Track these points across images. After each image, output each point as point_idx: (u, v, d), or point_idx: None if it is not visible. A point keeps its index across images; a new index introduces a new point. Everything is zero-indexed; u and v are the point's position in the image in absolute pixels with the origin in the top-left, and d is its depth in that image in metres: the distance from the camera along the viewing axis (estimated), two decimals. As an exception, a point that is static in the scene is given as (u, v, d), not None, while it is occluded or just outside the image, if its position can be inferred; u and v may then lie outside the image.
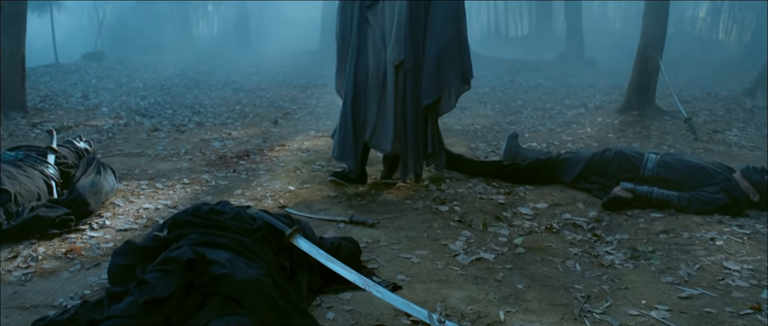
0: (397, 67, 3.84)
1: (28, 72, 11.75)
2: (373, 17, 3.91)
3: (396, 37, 3.82)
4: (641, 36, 7.21)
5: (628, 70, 12.83)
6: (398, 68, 3.85)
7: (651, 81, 7.19)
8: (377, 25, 3.90)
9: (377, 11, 3.90)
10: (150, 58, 15.45)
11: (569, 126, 6.91)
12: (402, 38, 3.82)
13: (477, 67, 12.29)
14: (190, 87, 9.98)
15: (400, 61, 3.82)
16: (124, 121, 6.87)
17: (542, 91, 9.86)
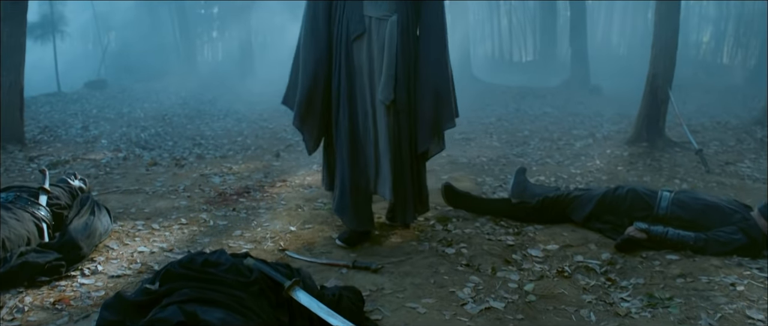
0: (388, 108, 3.50)
1: (30, 101, 11.73)
2: (359, 51, 3.52)
3: (386, 74, 3.46)
4: (650, 66, 7.08)
5: (635, 98, 12.74)
6: (389, 108, 3.51)
7: (660, 112, 7.05)
8: (364, 61, 3.51)
9: (363, 45, 3.51)
10: (153, 86, 15.40)
11: (578, 158, 6.77)
12: (393, 76, 3.46)
13: (482, 94, 12.21)
14: (191, 117, 9.88)
15: (391, 100, 3.49)
16: (123, 154, 6.74)
17: (549, 121, 9.73)
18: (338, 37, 3.51)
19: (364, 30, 3.47)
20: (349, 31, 3.48)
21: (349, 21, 3.47)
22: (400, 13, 3.46)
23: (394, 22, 3.44)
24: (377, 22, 3.47)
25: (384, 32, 3.46)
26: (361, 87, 3.54)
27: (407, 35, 3.50)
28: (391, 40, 3.44)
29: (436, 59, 3.52)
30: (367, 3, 3.47)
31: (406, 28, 3.49)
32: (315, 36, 3.53)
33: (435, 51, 3.52)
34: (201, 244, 3.67)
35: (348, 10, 3.48)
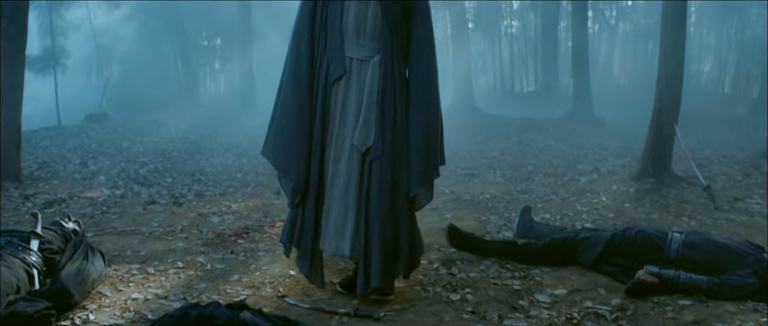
0: (363, 154, 3.24)
1: (29, 135, 11.66)
2: (336, 95, 3.29)
3: (364, 118, 3.21)
4: (655, 101, 7.00)
5: (638, 130, 12.71)
6: (365, 155, 3.24)
7: (666, 147, 6.95)
8: (339, 104, 3.28)
9: (340, 88, 3.28)
10: (155, 118, 15.35)
11: (583, 194, 6.66)
12: (372, 120, 3.22)
13: (485, 127, 12.13)
14: (191, 152, 9.80)
15: (367, 147, 3.22)
16: (120, 191, 6.65)
17: (552, 155, 9.63)
18: (318, 80, 3.30)
19: (344, 72, 3.26)
20: (328, 73, 3.28)
21: (329, 62, 3.27)
22: (384, 53, 3.26)
23: (376, 63, 3.25)
24: (359, 63, 3.27)
25: (365, 74, 3.25)
26: (331, 132, 3.29)
27: (391, 77, 3.26)
28: (372, 83, 3.23)
29: (425, 102, 3.29)
30: (349, 43, 3.27)
31: (390, 69, 3.26)
32: (297, 81, 3.30)
33: (423, 94, 3.29)
34: (197, 290, 3.55)
35: (329, 51, 3.28)
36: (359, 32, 3.27)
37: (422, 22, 3.34)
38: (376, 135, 3.22)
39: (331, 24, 3.27)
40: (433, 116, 3.31)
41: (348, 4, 3.26)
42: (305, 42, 3.32)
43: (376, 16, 3.26)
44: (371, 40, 3.27)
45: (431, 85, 3.31)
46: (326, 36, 3.29)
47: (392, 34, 3.27)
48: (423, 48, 3.33)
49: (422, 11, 3.34)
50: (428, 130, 3.29)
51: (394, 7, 3.27)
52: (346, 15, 3.26)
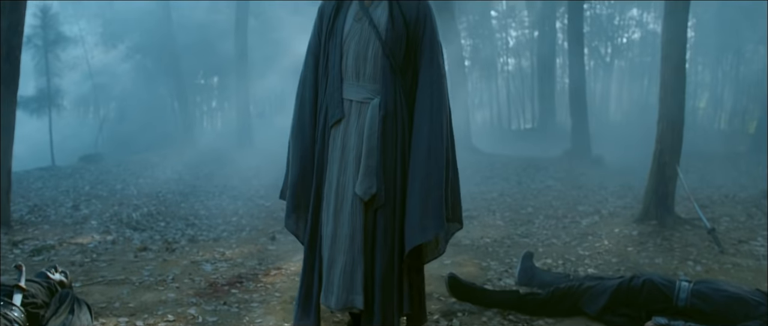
0: (367, 203, 3.05)
1: (22, 176, 11.54)
2: (334, 139, 3.11)
3: (365, 165, 3.02)
4: (656, 142, 6.89)
5: (636, 168, 12.62)
6: (368, 204, 3.04)
7: (669, 189, 6.83)
8: (338, 150, 3.10)
9: (339, 133, 3.10)
10: (150, 159, 15.23)
11: (585, 238, 6.52)
12: (373, 167, 3.02)
13: (483, 167, 12.01)
14: (186, 194, 9.66)
15: (371, 195, 3.03)
16: (112, 236, 6.49)
17: (552, 196, 9.50)
18: (319, 125, 3.16)
19: (343, 115, 3.09)
20: (327, 117, 3.13)
21: (328, 106, 3.13)
22: (385, 95, 3.06)
23: (375, 105, 3.05)
24: (358, 106, 3.09)
25: (365, 118, 3.07)
26: (330, 179, 3.11)
27: (393, 120, 3.07)
28: (371, 127, 3.03)
29: (425, 148, 3.04)
30: (348, 85, 3.11)
31: (391, 112, 3.07)
32: (301, 128, 3.20)
33: (427, 138, 3.04)
34: (187, 347, 3.39)
35: (328, 94, 3.13)
36: (359, 73, 3.11)
37: (429, 61, 3.13)
38: (379, 183, 3.03)
39: (331, 66, 3.15)
40: (434, 163, 3.04)
41: (347, 45, 3.11)
42: (309, 86, 3.22)
43: (376, 57, 3.09)
44: (371, 81, 3.10)
45: (434, 128, 3.06)
46: (327, 78, 3.17)
47: (395, 74, 3.09)
48: (427, 88, 3.12)
49: (430, 50, 3.14)
50: (428, 180, 3.02)
51: (398, 46, 3.10)
52: (345, 56, 3.12)
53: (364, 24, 3.11)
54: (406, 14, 3.12)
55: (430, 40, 3.15)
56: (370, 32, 3.09)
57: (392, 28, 3.08)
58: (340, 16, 3.16)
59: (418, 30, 3.14)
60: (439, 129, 3.07)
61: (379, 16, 3.11)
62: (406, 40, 3.11)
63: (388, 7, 3.12)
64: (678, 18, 6.75)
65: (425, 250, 3.20)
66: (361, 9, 3.13)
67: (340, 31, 3.13)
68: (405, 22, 3.11)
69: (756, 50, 22.01)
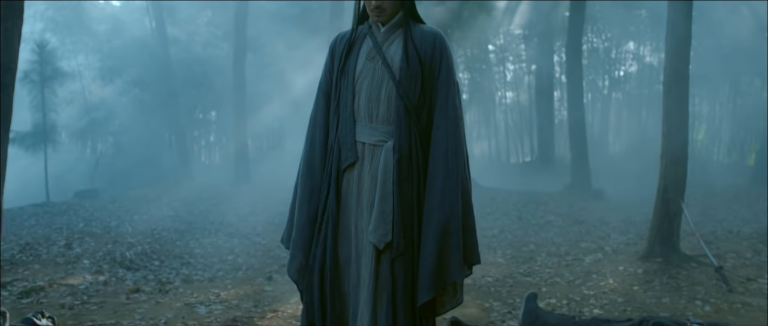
0: (380, 252, 2.83)
1: (16, 213, 11.38)
2: (348, 184, 2.95)
3: (380, 210, 2.83)
4: (660, 177, 6.78)
5: (637, 202, 12.51)
6: (382, 253, 2.83)
7: (674, 225, 6.70)
8: (353, 195, 2.93)
9: (353, 176, 2.94)
10: (147, 193, 15.10)
11: (589, 276, 6.36)
12: (388, 213, 2.84)
13: (483, 201, 11.87)
14: (181, 232, 9.50)
15: (386, 243, 2.82)
16: (104, 277, 6.33)
17: (554, 232, 9.36)
18: (330, 169, 2.98)
19: (356, 158, 2.92)
20: (340, 161, 2.96)
21: (341, 148, 2.96)
22: (399, 138, 2.89)
23: (389, 148, 2.87)
24: (371, 149, 2.92)
25: (379, 161, 2.89)
26: (346, 226, 2.94)
27: (408, 163, 2.89)
28: (386, 170, 2.85)
29: (443, 191, 2.85)
30: (361, 127, 2.93)
31: (406, 155, 2.89)
32: (311, 169, 3.04)
33: (440, 182, 2.86)
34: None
35: (340, 136, 2.96)
36: (372, 115, 2.93)
37: (444, 101, 2.95)
38: (396, 230, 2.83)
39: (343, 107, 2.98)
40: (449, 209, 2.86)
41: (360, 85, 2.95)
42: (320, 127, 3.06)
43: (390, 98, 2.91)
44: (385, 123, 2.92)
45: (450, 174, 2.87)
46: (338, 119, 3.00)
47: (409, 116, 2.91)
48: (443, 130, 2.91)
49: (446, 89, 2.96)
50: (445, 226, 2.84)
51: (412, 86, 2.92)
52: (357, 97, 2.95)
53: (377, 63, 2.94)
54: (422, 51, 2.94)
55: (446, 78, 2.96)
56: (384, 72, 2.92)
57: (407, 66, 2.91)
58: (353, 55, 3.00)
59: (434, 67, 2.96)
60: (455, 174, 2.88)
61: (392, 54, 2.94)
62: (422, 79, 2.94)
63: (403, 44, 2.94)
64: (680, 52, 6.68)
65: (442, 299, 2.99)
66: (374, 47, 2.96)
67: (352, 70, 2.97)
68: (420, 60, 2.93)
69: (752, 82, 22.07)
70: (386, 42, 2.96)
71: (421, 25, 3.02)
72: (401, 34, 2.96)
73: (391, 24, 2.96)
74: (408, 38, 2.93)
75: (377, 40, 2.97)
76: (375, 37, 2.98)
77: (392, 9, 2.94)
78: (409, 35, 2.94)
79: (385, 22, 2.97)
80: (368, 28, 3.02)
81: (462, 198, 2.90)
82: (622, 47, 27.72)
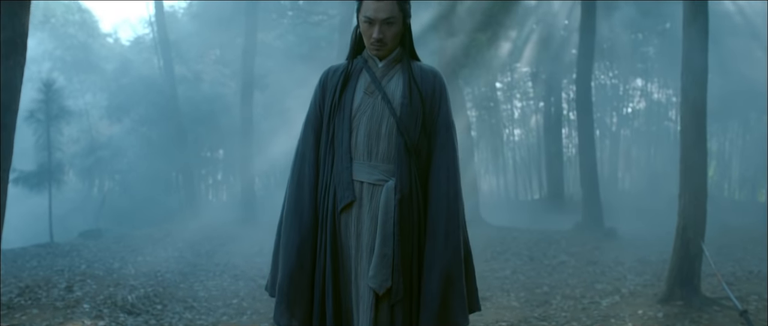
0: (380, 298, 2.70)
1: (18, 254, 11.20)
2: (346, 226, 2.78)
3: (381, 254, 2.68)
4: (679, 217, 6.57)
5: (650, 240, 12.24)
6: (383, 299, 2.70)
7: (694, 267, 6.47)
8: (352, 237, 2.78)
9: (352, 218, 2.78)
10: (152, 233, 14.93)
11: (607, 320, 6.12)
12: (389, 256, 2.69)
13: (493, 241, 11.64)
14: (185, 274, 9.27)
15: (387, 288, 2.69)
16: (104, 322, 6.12)
17: (567, 273, 9.10)
18: (324, 209, 2.81)
19: (354, 198, 2.77)
20: (335, 201, 2.80)
21: (337, 188, 2.79)
22: (400, 177, 2.75)
23: (390, 188, 2.73)
24: (370, 188, 2.77)
25: (378, 201, 2.75)
26: (348, 270, 2.78)
27: (409, 204, 2.76)
28: (386, 211, 2.71)
29: (446, 236, 2.75)
30: (359, 165, 2.78)
31: (407, 195, 2.75)
32: (298, 212, 2.83)
33: (442, 227, 2.76)
34: None
35: (336, 174, 2.80)
36: (371, 152, 2.78)
37: (444, 141, 2.84)
38: (396, 275, 2.69)
39: (339, 143, 2.81)
40: (452, 254, 2.74)
41: (358, 120, 2.80)
42: (309, 164, 2.86)
43: (390, 135, 2.78)
44: (385, 161, 2.78)
45: (451, 217, 2.77)
46: (333, 157, 2.82)
47: (409, 154, 2.78)
48: (443, 171, 2.81)
49: (445, 129, 2.86)
50: (448, 271, 2.72)
51: (413, 123, 2.80)
52: (355, 133, 2.79)
53: (377, 98, 2.81)
54: (423, 88, 2.84)
55: (445, 117, 2.87)
56: (384, 107, 2.80)
57: (409, 103, 2.80)
58: (349, 89, 2.85)
59: (434, 106, 2.86)
60: (456, 217, 2.78)
61: (393, 89, 2.83)
62: (422, 117, 2.83)
63: (403, 79, 2.84)
64: (696, 90, 6.52)
65: None
66: (373, 81, 2.83)
67: (348, 104, 2.82)
68: (421, 97, 2.83)
69: (760, 119, 21.95)
70: (385, 77, 2.85)
71: (419, 63, 2.94)
72: (400, 69, 2.87)
73: (390, 59, 2.86)
74: (409, 75, 2.84)
75: (375, 75, 2.85)
76: (373, 72, 2.86)
77: (392, 44, 2.84)
78: (410, 72, 2.84)
79: (383, 57, 2.86)
80: (364, 62, 2.90)
81: (463, 236, 2.80)
82: (630, 84, 27.67)
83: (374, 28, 2.77)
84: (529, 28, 22.10)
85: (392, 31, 2.79)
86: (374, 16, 2.75)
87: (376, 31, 2.77)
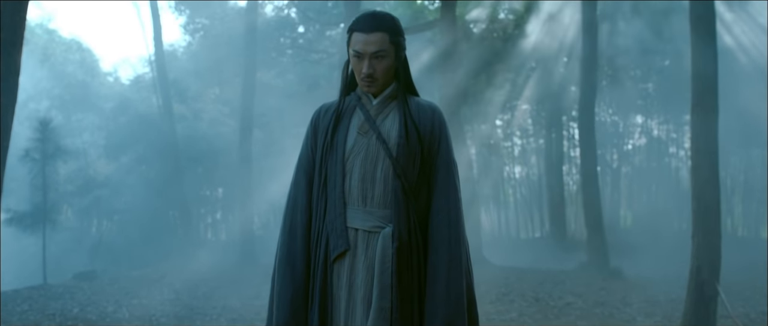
0: None
1: (10, 296, 10.90)
2: (339, 276, 2.57)
3: (378, 307, 2.49)
4: (692, 257, 6.36)
5: (655, 278, 12.00)
6: None
7: (709, 310, 6.24)
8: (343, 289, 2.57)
9: (344, 268, 2.57)
10: (149, 274, 14.65)
11: (621, 368, 5.87)
12: (386, 309, 2.49)
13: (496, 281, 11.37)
14: (181, 318, 9.01)
15: None
16: (95, 371, 5.85)
17: (575, 315, 8.85)
18: (316, 258, 2.61)
19: (348, 247, 2.55)
20: (328, 250, 2.60)
21: (329, 235, 2.59)
22: (398, 223, 2.54)
23: (387, 235, 2.52)
24: (365, 235, 2.56)
25: (375, 250, 2.54)
26: (337, 324, 2.57)
27: (408, 252, 2.55)
28: (383, 261, 2.50)
29: (447, 284, 2.54)
30: (353, 211, 2.58)
31: (406, 242, 2.54)
32: (291, 261, 2.63)
33: (447, 276, 2.54)
34: None
35: (329, 221, 2.59)
36: (366, 197, 2.57)
37: (445, 183, 2.63)
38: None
39: (331, 187, 2.61)
40: (455, 304, 2.53)
41: (351, 163, 2.59)
42: (301, 210, 2.66)
43: (386, 178, 2.56)
44: (381, 206, 2.56)
45: (454, 265, 2.54)
46: (325, 202, 2.62)
47: (408, 198, 2.56)
48: (444, 215, 2.58)
49: (446, 170, 2.64)
50: (450, 322, 2.51)
51: (411, 164, 2.59)
52: (348, 177, 2.59)
53: (371, 138, 2.60)
54: (421, 127, 2.62)
55: (446, 156, 2.65)
56: (379, 148, 2.59)
57: (406, 143, 2.58)
58: (341, 128, 2.65)
59: (433, 144, 2.64)
60: (459, 265, 2.54)
61: (388, 128, 2.61)
62: (421, 157, 2.61)
63: (399, 117, 2.61)
64: (707, 128, 6.37)
65: None
66: (367, 120, 2.62)
67: (341, 145, 2.62)
68: (419, 136, 2.61)
69: (760, 156, 21.86)
70: (380, 115, 2.65)
71: (416, 98, 2.73)
72: (396, 107, 2.65)
73: (385, 95, 2.66)
74: (405, 112, 2.62)
75: (369, 113, 2.64)
76: (366, 110, 2.65)
77: (385, 79, 2.62)
78: (406, 109, 2.63)
79: (376, 94, 2.66)
80: (357, 99, 2.69)
81: (467, 291, 2.56)
82: (630, 121, 27.64)
83: (364, 62, 2.57)
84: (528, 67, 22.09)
85: (383, 65, 2.59)
86: (363, 49, 2.55)
87: (366, 66, 2.56)
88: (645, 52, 20.97)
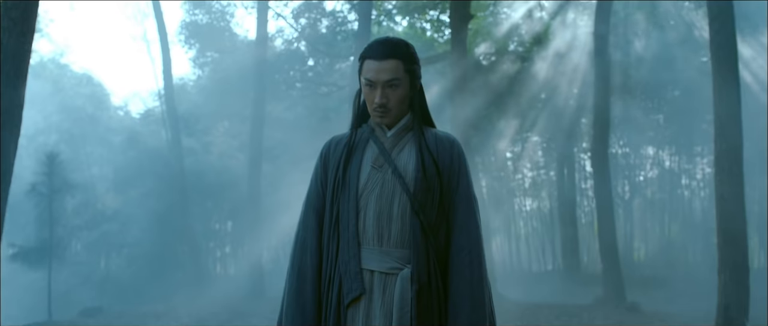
0: None
1: (15, 334, 10.74)
2: (354, 320, 2.39)
3: None
4: (720, 294, 6.14)
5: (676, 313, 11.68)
6: None
7: (740, 349, 5.99)
8: None
9: (359, 314, 2.38)
10: (157, 309, 14.47)
11: None
12: None
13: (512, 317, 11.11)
14: (188, 355, 8.81)
15: None
16: None
17: (595, 352, 8.58)
18: (327, 303, 2.42)
19: (363, 291, 2.37)
20: (341, 294, 2.41)
21: (343, 279, 2.40)
22: (417, 264, 2.36)
23: (405, 277, 2.34)
24: (382, 278, 2.38)
25: (393, 293, 2.36)
26: None
27: (427, 294, 2.37)
28: (402, 306, 2.32)
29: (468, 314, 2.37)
30: (368, 252, 2.40)
31: (426, 284, 2.36)
32: (300, 307, 2.44)
33: (467, 313, 2.37)
34: None
35: (341, 263, 2.40)
36: (382, 237, 2.39)
37: (465, 219, 2.43)
38: None
39: (344, 227, 2.42)
40: None
41: (365, 199, 2.40)
42: (310, 252, 2.47)
43: (404, 215, 2.38)
44: (398, 245, 2.38)
45: (476, 306, 2.37)
46: (338, 243, 2.43)
47: (426, 236, 2.37)
48: (465, 254, 2.39)
49: (466, 205, 2.45)
50: None
51: (429, 200, 2.40)
52: (362, 215, 2.40)
53: (387, 173, 2.41)
54: (439, 160, 2.44)
55: (466, 191, 2.47)
56: (395, 183, 2.40)
57: (423, 177, 2.39)
58: (353, 163, 2.46)
59: (452, 178, 2.46)
60: (482, 305, 2.37)
61: (405, 162, 2.42)
62: (440, 192, 2.43)
63: (417, 150, 2.43)
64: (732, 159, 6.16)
65: None
66: (382, 153, 2.44)
67: (354, 181, 2.43)
68: (438, 170, 2.43)
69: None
70: (395, 148, 2.46)
71: (433, 130, 2.56)
72: (412, 139, 2.47)
73: (399, 127, 2.47)
74: (422, 144, 2.44)
75: (384, 146, 2.46)
76: (381, 142, 2.46)
77: (398, 110, 2.44)
78: (422, 141, 2.45)
79: (390, 125, 2.47)
80: (370, 131, 2.50)
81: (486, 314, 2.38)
82: (641, 152, 27.45)
83: (376, 91, 2.40)
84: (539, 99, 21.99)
85: (397, 95, 2.41)
86: (376, 78, 2.38)
87: (378, 96, 2.39)
88: (657, 84, 20.85)
